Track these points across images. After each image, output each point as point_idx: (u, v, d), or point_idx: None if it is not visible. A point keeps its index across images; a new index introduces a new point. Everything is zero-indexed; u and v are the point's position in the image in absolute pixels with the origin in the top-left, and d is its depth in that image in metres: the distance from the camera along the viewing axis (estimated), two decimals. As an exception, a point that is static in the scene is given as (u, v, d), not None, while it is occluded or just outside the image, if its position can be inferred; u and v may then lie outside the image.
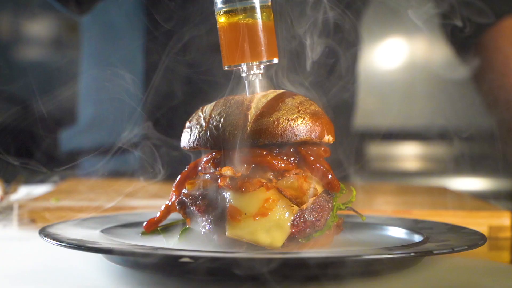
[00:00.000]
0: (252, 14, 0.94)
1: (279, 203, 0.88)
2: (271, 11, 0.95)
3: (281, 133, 0.89)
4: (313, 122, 0.91)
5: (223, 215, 0.89)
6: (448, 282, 0.86)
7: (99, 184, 1.51)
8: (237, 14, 0.94)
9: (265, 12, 0.95)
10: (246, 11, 0.94)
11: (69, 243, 0.85)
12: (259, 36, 0.94)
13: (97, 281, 0.84)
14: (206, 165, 0.93)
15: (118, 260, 0.88)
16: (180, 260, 0.77)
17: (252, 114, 0.90)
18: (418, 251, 0.84)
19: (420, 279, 0.86)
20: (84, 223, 1.02)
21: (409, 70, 3.73)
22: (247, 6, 0.94)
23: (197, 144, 0.93)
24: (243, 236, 0.88)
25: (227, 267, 0.78)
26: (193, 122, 0.96)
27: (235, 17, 0.94)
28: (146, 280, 0.84)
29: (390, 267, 0.86)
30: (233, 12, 0.95)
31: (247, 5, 0.94)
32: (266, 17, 0.95)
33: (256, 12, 0.94)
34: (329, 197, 0.93)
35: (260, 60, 0.95)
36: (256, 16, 0.94)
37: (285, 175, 0.90)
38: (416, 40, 3.75)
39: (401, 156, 3.65)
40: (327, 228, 0.94)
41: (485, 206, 1.36)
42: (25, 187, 1.52)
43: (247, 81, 0.95)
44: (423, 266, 0.91)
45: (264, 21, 0.94)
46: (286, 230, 0.88)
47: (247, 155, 0.90)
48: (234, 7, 0.94)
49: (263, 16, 0.94)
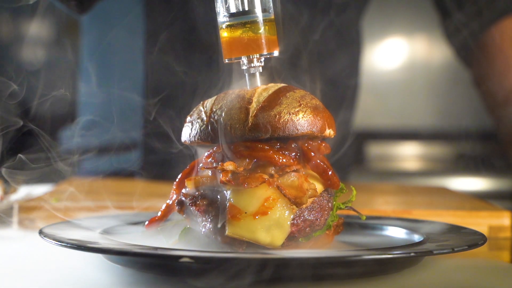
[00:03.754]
0: (255, 29, 0.94)
1: (279, 202, 0.88)
2: (274, 25, 0.95)
3: (282, 126, 0.89)
4: (314, 116, 0.91)
5: (223, 214, 0.89)
6: (448, 282, 0.86)
7: (99, 184, 1.51)
8: (239, 28, 0.94)
9: (267, 26, 0.95)
10: (248, 24, 0.94)
11: (69, 243, 0.85)
12: (262, 49, 0.94)
13: (97, 281, 0.84)
14: (207, 160, 0.93)
15: (118, 260, 0.88)
16: (180, 260, 0.77)
17: (254, 108, 0.90)
18: (418, 251, 0.84)
19: (420, 279, 0.86)
20: (84, 223, 1.02)
21: (409, 70, 3.73)
22: (248, 20, 0.94)
23: (198, 138, 0.93)
24: (243, 235, 0.88)
25: (227, 267, 0.78)
26: (194, 116, 0.95)
27: (237, 31, 0.95)
28: (146, 280, 0.84)
29: (390, 267, 0.86)
30: (235, 27, 0.95)
31: (249, 19, 0.94)
32: (268, 31, 0.94)
33: (260, 27, 0.94)
34: (329, 196, 0.93)
35: (260, 53, 0.95)
36: (260, 32, 0.94)
37: (286, 170, 0.90)
38: (416, 40, 3.75)
39: (401, 156, 3.65)
40: (327, 228, 0.94)
41: (485, 206, 1.36)
42: (25, 187, 1.52)
43: (247, 74, 0.95)
44: (423, 266, 0.91)
45: (266, 35, 0.95)
46: (286, 229, 0.88)
47: (248, 150, 0.90)
48: (236, 22, 0.94)
49: (265, 30, 0.94)
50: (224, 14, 0.94)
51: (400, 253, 0.82)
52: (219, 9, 0.95)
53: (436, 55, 3.68)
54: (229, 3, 0.94)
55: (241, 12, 0.94)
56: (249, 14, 0.93)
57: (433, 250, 0.83)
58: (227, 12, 0.95)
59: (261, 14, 0.94)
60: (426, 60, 3.73)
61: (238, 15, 0.94)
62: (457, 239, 0.93)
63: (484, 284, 0.86)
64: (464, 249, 0.85)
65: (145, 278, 0.85)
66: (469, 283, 0.86)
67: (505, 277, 0.90)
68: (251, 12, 0.93)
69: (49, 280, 0.84)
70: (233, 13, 0.94)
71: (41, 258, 0.96)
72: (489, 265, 0.99)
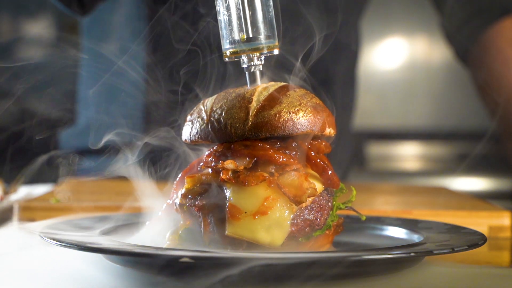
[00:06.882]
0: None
1: (279, 202, 0.88)
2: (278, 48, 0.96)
3: (282, 126, 0.89)
4: (315, 115, 0.91)
5: (222, 214, 0.89)
6: (448, 282, 0.86)
7: (99, 184, 1.51)
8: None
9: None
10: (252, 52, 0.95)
11: (69, 243, 0.85)
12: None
13: (97, 281, 0.84)
14: (207, 159, 0.93)
15: (118, 260, 0.88)
16: (180, 260, 0.77)
17: (254, 107, 0.90)
18: (418, 251, 0.84)
19: (420, 279, 0.86)
20: (84, 223, 1.02)
21: (409, 70, 3.73)
22: (252, 48, 0.94)
23: (198, 137, 0.94)
24: (243, 234, 0.88)
25: (227, 266, 0.78)
26: (194, 115, 0.96)
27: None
28: (146, 280, 0.84)
29: (390, 267, 0.86)
30: (239, 53, 0.95)
31: (253, 46, 0.94)
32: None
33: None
34: (329, 196, 0.93)
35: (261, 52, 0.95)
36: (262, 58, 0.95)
37: (286, 169, 0.90)
38: (416, 40, 3.75)
39: (401, 156, 3.65)
40: (327, 228, 0.94)
41: (485, 206, 1.36)
42: (25, 187, 1.52)
43: (247, 72, 0.95)
44: (423, 266, 0.91)
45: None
46: (286, 229, 0.88)
47: (248, 149, 0.90)
48: (240, 49, 0.95)
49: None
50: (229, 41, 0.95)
51: (400, 253, 0.82)
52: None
53: (436, 55, 3.68)
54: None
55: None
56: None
57: (433, 250, 0.83)
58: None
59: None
60: (426, 60, 3.73)
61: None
62: (457, 239, 0.93)
63: (484, 284, 0.86)
64: (464, 249, 0.85)
65: (145, 278, 0.85)
66: (469, 283, 0.86)
67: (506, 277, 0.90)
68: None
69: (49, 280, 0.84)
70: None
71: (41, 258, 0.95)
72: (489, 265, 0.99)
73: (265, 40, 0.94)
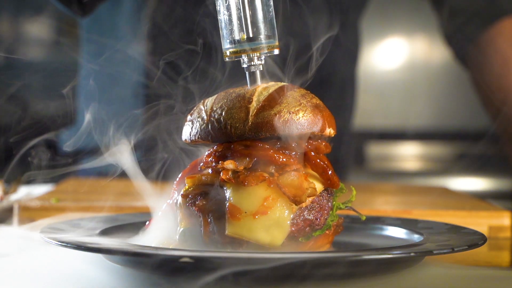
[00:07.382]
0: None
1: (279, 202, 0.88)
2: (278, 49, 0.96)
3: (282, 126, 0.89)
4: (315, 115, 0.91)
5: (222, 214, 0.89)
6: (447, 282, 0.86)
7: (99, 184, 1.51)
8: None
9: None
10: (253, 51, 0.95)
11: (69, 243, 0.85)
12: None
13: (97, 281, 0.84)
14: (207, 159, 0.93)
15: (118, 260, 0.88)
16: (180, 260, 0.77)
17: (254, 107, 0.90)
18: (418, 251, 0.84)
19: (420, 279, 0.86)
20: (84, 223, 1.02)
21: (409, 70, 3.73)
22: (253, 47, 0.94)
23: (198, 137, 0.94)
24: (243, 234, 0.88)
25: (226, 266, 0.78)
26: (194, 115, 0.96)
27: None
28: (146, 280, 0.84)
29: (390, 267, 0.86)
30: (239, 53, 0.95)
31: (253, 46, 0.94)
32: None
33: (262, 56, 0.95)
34: (329, 196, 0.93)
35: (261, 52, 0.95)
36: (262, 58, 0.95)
37: (286, 169, 0.90)
38: (416, 40, 3.75)
39: (401, 156, 3.65)
40: (327, 228, 0.94)
41: (485, 206, 1.36)
42: (25, 187, 1.52)
43: (247, 72, 0.95)
44: (423, 266, 0.91)
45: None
46: (285, 229, 0.88)
47: (248, 149, 0.90)
48: (240, 48, 0.95)
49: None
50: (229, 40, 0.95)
51: (400, 253, 0.82)
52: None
53: (436, 56, 3.69)
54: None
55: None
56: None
57: (433, 250, 0.83)
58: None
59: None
60: (426, 61, 3.73)
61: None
62: (457, 239, 0.93)
63: (484, 284, 0.86)
64: (464, 249, 0.85)
65: (145, 278, 0.85)
66: (469, 283, 0.86)
67: (506, 277, 0.90)
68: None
69: (49, 280, 0.84)
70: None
71: (41, 258, 0.95)
72: (489, 265, 0.99)
73: (265, 40, 0.94)
